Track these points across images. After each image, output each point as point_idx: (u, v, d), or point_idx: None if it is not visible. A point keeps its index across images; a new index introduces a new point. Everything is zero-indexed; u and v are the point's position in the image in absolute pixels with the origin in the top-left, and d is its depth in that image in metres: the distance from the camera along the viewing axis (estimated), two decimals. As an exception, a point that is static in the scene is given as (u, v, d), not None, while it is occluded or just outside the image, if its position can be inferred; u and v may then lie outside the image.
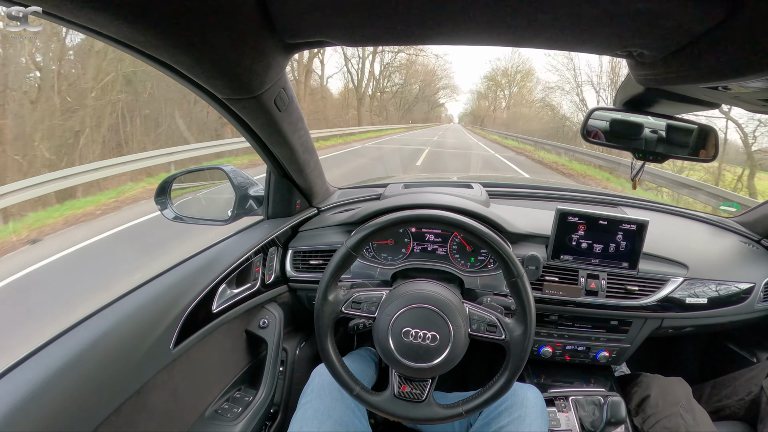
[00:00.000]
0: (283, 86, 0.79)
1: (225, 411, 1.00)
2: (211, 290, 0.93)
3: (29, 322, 2.78)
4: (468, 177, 1.59)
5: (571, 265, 1.11)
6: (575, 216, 1.08)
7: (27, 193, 5.03)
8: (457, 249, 1.17)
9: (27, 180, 5.19)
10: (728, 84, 0.63)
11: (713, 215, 1.44)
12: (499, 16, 0.55)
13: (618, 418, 0.97)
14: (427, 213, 0.81)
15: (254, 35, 0.59)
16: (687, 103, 0.85)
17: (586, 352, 1.18)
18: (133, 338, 0.76)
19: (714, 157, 0.99)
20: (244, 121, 0.85)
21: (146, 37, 0.53)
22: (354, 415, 0.91)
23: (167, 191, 1.17)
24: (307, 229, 1.27)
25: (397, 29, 0.59)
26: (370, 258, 1.19)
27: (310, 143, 1.08)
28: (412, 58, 34.32)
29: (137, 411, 0.77)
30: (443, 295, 0.79)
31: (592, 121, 1.00)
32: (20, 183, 5.06)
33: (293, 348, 1.25)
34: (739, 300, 1.14)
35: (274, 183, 1.17)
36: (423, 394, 0.79)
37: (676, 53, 0.59)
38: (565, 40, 0.62)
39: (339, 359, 0.82)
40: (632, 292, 1.10)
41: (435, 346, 0.75)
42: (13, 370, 0.63)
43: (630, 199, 1.45)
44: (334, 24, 0.59)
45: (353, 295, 0.82)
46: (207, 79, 0.67)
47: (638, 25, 0.54)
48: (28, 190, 5.03)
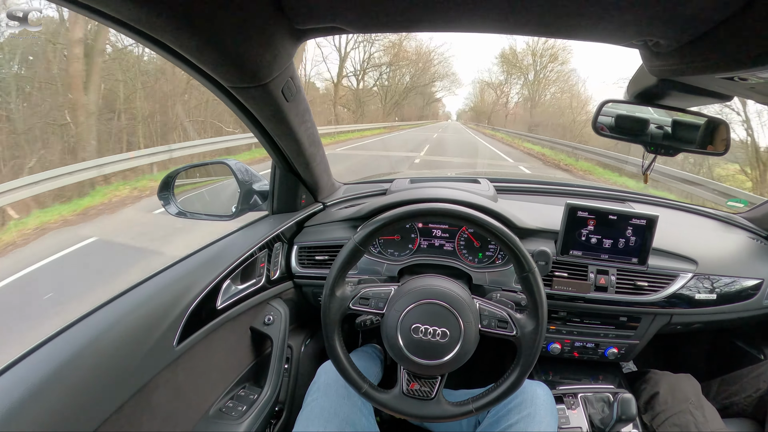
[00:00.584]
0: (291, 75, 0.78)
1: (229, 409, 0.99)
2: (216, 286, 0.92)
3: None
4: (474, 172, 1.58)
5: (580, 260, 1.10)
6: (585, 211, 1.07)
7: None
8: (465, 244, 1.16)
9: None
10: (745, 74, 0.62)
11: (721, 211, 1.44)
12: (517, 3, 0.53)
13: (629, 415, 0.96)
14: (437, 207, 0.79)
15: (263, 20, 0.57)
16: (700, 95, 0.84)
17: (594, 349, 1.17)
18: (137, 335, 0.74)
19: (725, 152, 0.98)
20: (250, 111, 0.84)
21: (151, 19, 0.52)
22: (361, 413, 0.90)
23: (170, 186, 1.16)
24: (313, 225, 1.25)
25: (411, 14, 0.58)
26: (376, 254, 1.18)
27: (316, 136, 1.07)
28: (401, 40, 27.28)
29: (140, 410, 0.75)
30: (453, 290, 0.77)
31: (602, 117, 1.00)
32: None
33: (298, 345, 1.23)
34: (748, 296, 1.14)
35: (279, 178, 1.15)
36: (432, 392, 0.78)
37: (692, 43, 0.58)
38: (582, 28, 0.61)
39: (347, 356, 0.81)
40: (642, 287, 1.09)
41: (445, 342, 0.74)
42: (13, 366, 0.62)
43: (638, 195, 1.44)
44: (347, 9, 0.57)
45: (361, 291, 0.81)
46: (213, 66, 0.65)
47: (657, 12, 0.53)
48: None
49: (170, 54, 0.62)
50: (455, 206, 0.78)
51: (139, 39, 0.57)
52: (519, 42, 33.21)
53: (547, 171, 11.04)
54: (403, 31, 0.64)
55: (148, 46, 0.59)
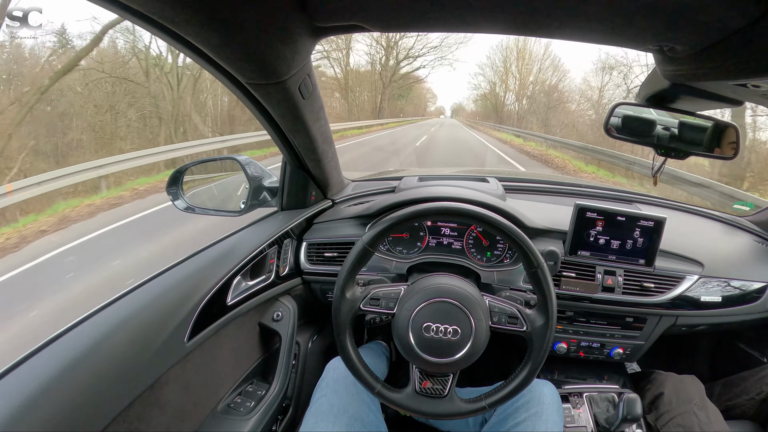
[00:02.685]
0: (308, 73, 0.78)
1: (238, 405, 0.99)
2: (226, 282, 0.92)
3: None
4: (483, 171, 1.59)
5: (588, 260, 1.10)
6: (594, 212, 1.08)
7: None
8: (474, 243, 1.16)
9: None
10: (758, 82, 0.62)
11: (727, 214, 1.44)
12: (539, 5, 0.54)
13: (634, 415, 0.97)
14: (443, 206, 0.79)
15: (284, 16, 0.58)
16: (712, 99, 0.84)
17: (600, 349, 1.17)
18: (147, 331, 0.74)
19: (735, 155, 0.98)
20: (265, 108, 0.84)
21: (175, 13, 0.52)
22: (369, 409, 0.90)
23: (179, 182, 1.16)
24: (322, 221, 1.26)
25: (433, 15, 0.58)
26: (385, 251, 1.18)
27: (329, 133, 1.07)
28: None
29: (150, 406, 0.75)
30: (463, 288, 0.78)
31: (613, 118, 1.00)
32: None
33: (305, 341, 1.24)
34: (753, 299, 1.14)
35: (289, 174, 1.15)
36: (445, 390, 0.78)
37: (707, 49, 0.59)
38: (601, 32, 0.61)
39: (359, 357, 0.81)
40: (648, 289, 1.10)
41: (456, 340, 0.74)
42: (23, 364, 0.61)
43: (645, 197, 1.45)
44: (369, 8, 0.57)
45: (371, 292, 0.81)
46: (233, 62, 0.65)
47: (675, 18, 0.54)
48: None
49: (189, 49, 0.62)
50: (461, 204, 0.79)
51: (160, 33, 0.57)
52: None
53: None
54: (425, 31, 0.65)
55: (167, 41, 0.59)
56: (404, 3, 0.56)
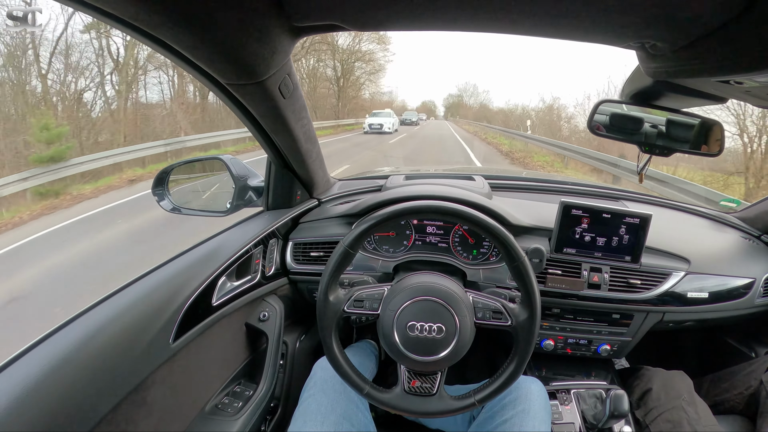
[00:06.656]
0: (288, 72, 0.77)
1: (225, 406, 0.99)
2: (211, 283, 0.91)
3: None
4: (470, 169, 1.58)
5: (574, 258, 1.10)
6: (579, 209, 1.07)
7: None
8: (459, 241, 1.16)
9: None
10: (740, 78, 0.62)
11: (714, 210, 1.45)
12: (517, 3, 0.53)
13: (621, 411, 0.97)
14: (420, 204, 0.79)
15: (261, 16, 0.57)
16: (696, 96, 0.84)
17: (587, 346, 1.18)
18: (132, 333, 0.73)
19: (719, 152, 0.98)
20: (246, 108, 0.83)
21: (148, 15, 0.51)
22: (357, 408, 0.90)
23: (165, 182, 1.15)
24: (308, 221, 1.25)
25: (411, 13, 0.57)
26: (371, 250, 1.18)
27: (312, 133, 1.06)
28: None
29: (136, 407, 0.75)
30: (446, 285, 0.77)
31: (598, 115, 1.00)
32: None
33: (293, 341, 1.23)
34: (740, 295, 1.15)
35: (274, 173, 1.15)
36: (434, 388, 0.78)
37: (689, 46, 0.58)
38: (580, 29, 0.61)
39: (346, 359, 0.81)
40: (634, 285, 1.10)
41: (441, 338, 0.74)
42: (9, 366, 0.61)
43: (631, 193, 1.45)
44: (346, 7, 0.56)
45: (355, 294, 0.81)
46: (211, 63, 0.65)
47: (655, 15, 0.53)
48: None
49: (166, 50, 0.61)
50: (441, 202, 0.78)
51: (135, 35, 0.56)
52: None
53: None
54: (403, 30, 0.64)
55: (143, 41, 0.59)
56: (380, 3, 0.55)
